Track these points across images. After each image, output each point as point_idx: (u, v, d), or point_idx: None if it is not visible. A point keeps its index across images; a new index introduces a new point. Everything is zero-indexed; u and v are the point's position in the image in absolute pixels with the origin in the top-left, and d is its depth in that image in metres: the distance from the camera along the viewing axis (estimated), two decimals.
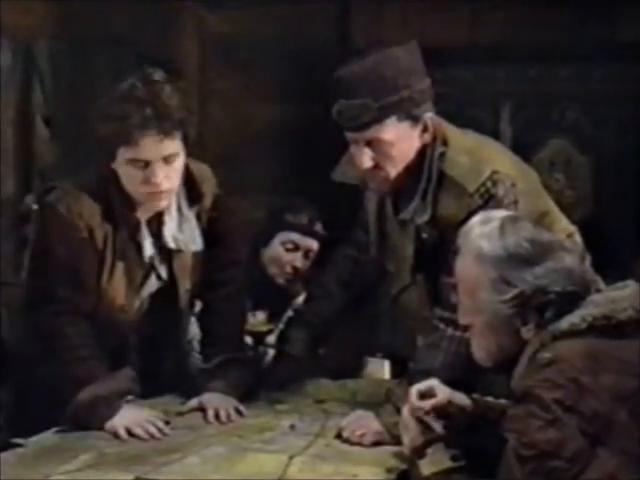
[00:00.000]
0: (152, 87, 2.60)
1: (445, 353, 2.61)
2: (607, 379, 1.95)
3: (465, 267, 2.19)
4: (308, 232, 3.45)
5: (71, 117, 4.29)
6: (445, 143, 2.68)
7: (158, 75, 2.63)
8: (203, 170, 2.83)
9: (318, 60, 4.61)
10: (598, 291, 2.14)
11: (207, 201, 2.83)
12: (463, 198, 2.62)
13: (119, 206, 2.69)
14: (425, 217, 2.66)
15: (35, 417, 2.61)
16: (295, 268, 3.43)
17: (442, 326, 2.61)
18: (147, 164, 2.59)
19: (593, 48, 4.29)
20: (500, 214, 2.24)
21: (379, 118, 2.60)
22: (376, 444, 2.53)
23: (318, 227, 3.48)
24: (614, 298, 2.07)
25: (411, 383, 2.50)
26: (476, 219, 2.23)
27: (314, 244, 3.45)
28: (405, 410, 2.26)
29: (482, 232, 2.16)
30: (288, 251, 3.43)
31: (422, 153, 2.67)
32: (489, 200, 2.60)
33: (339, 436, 2.57)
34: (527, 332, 2.11)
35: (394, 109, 2.60)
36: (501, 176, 2.63)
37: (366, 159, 2.65)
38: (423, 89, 2.64)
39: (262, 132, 4.72)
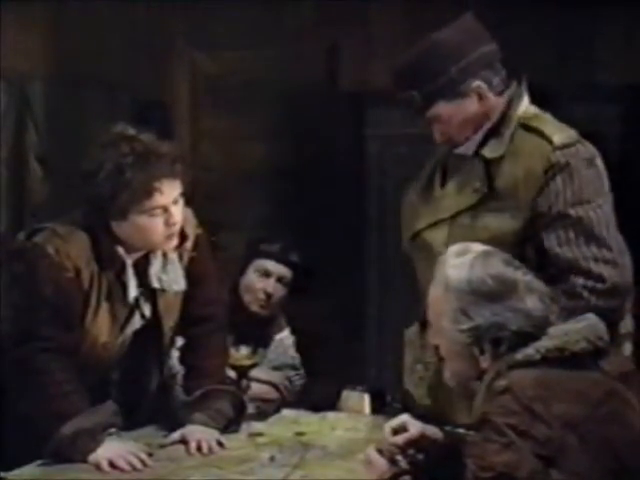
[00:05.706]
0: (145, 141, 2.69)
1: None
2: (558, 407, 2.02)
3: (434, 293, 2.29)
4: (281, 259, 3.51)
5: (64, 157, 4.35)
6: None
7: (132, 130, 2.71)
8: (185, 212, 2.88)
9: (306, 100, 4.70)
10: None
11: (189, 242, 2.89)
12: (544, 150, 2.61)
13: (106, 248, 2.74)
14: (500, 151, 2.67)
15: (17, 451, 2.63)
16: (267, 294, 3.49)
17: None
18: (165, 209, 2.69)
19: (574, 89, 4.37)
20: (478, 248, 2.31)
21: (427, 105, 2.71)
22: None
23: (293, 256, 3.53)
24: (568, 330, 2.14)
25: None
26: (454, 249, 2.31)
27: (287, 272, 3.52)
28: (370, 448, 2.33)
29: (454, 263, 2.25)
30: (261, 278, 3.50)
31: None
32: (567, 166, 2.58)
33: (320, 466, 2.59)
34: (484, 361, 2.19)
35: (437, 95, 2.70)
36: (591, 149, 2.64)
37: (437, 135, 2.77)
38: (467, 64, 2.67)
39: (252, 171, 4.79)
